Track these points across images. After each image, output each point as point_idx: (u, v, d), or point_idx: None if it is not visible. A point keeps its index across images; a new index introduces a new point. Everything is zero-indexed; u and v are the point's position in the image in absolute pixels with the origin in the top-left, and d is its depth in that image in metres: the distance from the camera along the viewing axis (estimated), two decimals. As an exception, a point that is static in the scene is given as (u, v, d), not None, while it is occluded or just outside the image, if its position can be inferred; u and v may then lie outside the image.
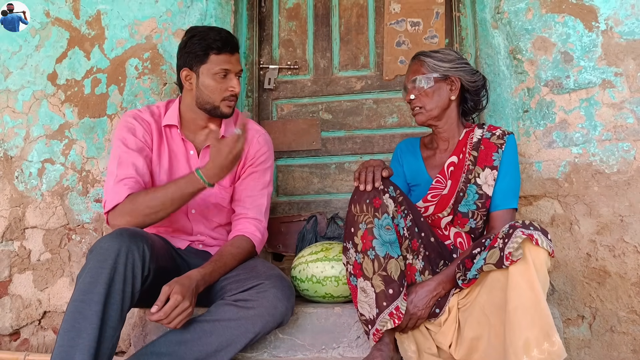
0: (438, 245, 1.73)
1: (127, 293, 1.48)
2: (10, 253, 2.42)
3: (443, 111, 1.83)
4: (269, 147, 1.97)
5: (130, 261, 1.48)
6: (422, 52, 1.87)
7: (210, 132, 1.74)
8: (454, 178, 1.81)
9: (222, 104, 1.83)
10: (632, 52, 2.08)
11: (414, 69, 1.84)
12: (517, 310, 1.40)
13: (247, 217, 1.87)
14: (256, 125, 2.01)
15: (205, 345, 1.57)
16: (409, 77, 1.85)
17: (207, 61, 1.79)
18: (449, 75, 1.80)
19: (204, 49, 1.79)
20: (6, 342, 2.39)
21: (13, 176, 2.45)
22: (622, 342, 2.02)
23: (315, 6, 2.62)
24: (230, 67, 1.81)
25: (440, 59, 1.81)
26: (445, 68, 1.80)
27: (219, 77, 1.80)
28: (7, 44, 2.52)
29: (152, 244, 1.58)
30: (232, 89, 1.81)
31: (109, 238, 1.50)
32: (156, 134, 1.88)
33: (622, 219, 2.04)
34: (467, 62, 1.86)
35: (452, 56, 1.83)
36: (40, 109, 2.47)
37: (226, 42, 1.80)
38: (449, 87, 1.81)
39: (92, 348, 1.39)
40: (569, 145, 2.12)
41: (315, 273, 1.87)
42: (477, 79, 1.84)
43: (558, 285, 2.08)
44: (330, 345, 1.78)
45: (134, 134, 1.82)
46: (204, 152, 1.89)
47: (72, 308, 1.43)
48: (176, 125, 1.88)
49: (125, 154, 1.78)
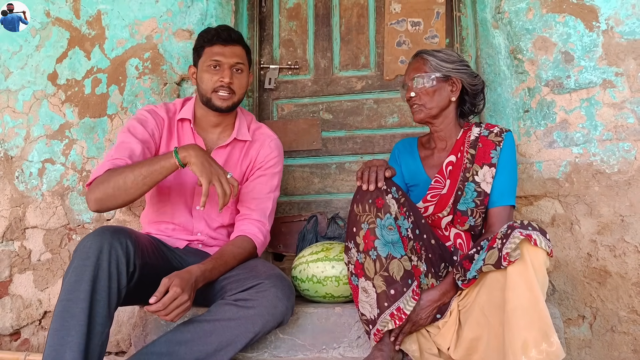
0: (439, 247, 1.73)
1: (113, 289, 1.49)
2: (10, 253, 2.42)
3: (442, 111, 1.83)
4: (279, 153, 1.99)
5: (114, 257, 1.49)
6: (424, 50, 1.87)
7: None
8: (452, 177, 1.81)
9: (214, 96, 1.85)
10: (633, 52, 2.08)
11: (416, 67, 1.84)
12: (515, 311, 1.41)
13: (251, 218, 1.88)
14: (269, 130, 2.03)
15: (205, 344, 1.57)
16: (409, 74, 1.85)
17: (203, 54, 1.87)
18: (450, 76, 1.80)
19: (201, 43, 1.88)
20: (7, 342, 2.39)
21: (13, 176, 2.45)
22: (622, 342, 2.02)
23: (315, 6, 2.62)
24: (221, 58, 1.84)
25: (443, 58, 1.81)
26: (448, 68, 1.80)
27: (211, 69, 1.84)
28: (8, 44, 2.52)
29: (136, 240, 1.58)
30: (222, 80, 1.83)
31: (91, 236, 1.51)
32: (167, 129, 1.91)
33: (622, 218, 2.04)
34: (468, 65, 1.86)
35: (454, 57, 1.83)
36: (41, 109, 2.47)
37: (217, 34, 1.85)
38: (450, 87, 1.81)
39: (81, 345, 1.41)
40: (570, 145, 2.12)
41: (316, 273, 1.87)
42: (477, 82, 1.85)
43: (559, 285, 2.08)
44: (330, 345, 1.78)
45: (144, 125, 1.85)
46: (215, 152, 1.92)
47: (60, 308, 1.44)
48: (189, 119, 1.91)
49: (128, 139, 1.80)
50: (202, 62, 1.87)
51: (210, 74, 1.84)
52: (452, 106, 1.84)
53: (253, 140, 1.97)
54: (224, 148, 1.93)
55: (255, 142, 1.97)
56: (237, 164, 1.95)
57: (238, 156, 1.96)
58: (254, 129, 2.01)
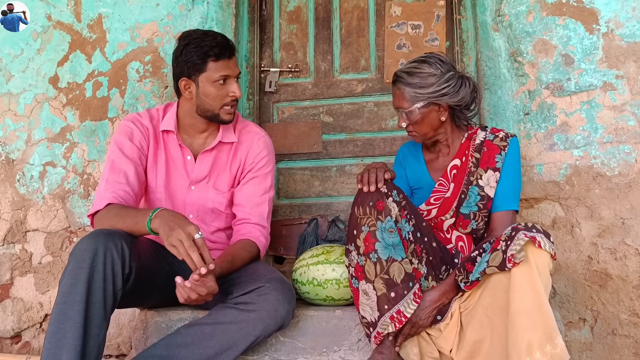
0: (440, 250, 1.73)
1: (108, 291, 1.49)
2: (11, 256, 2.42)
3: (437, 129, 1.80)
4: (269, 151, 1.95)
5: (109, 259, 1.49)
6: (398, 77, 1.75)
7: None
8: (457, 181, 1.81)
9: (222, 112, 1.82)
10: (633, 54, 2.08)
11: (397, 98, 1.77)
12: (519, 313, 1.40)
13: (250, 222, 1.87)
14: (256, 128, 1.99)
15: (206, 348, 1.57)
16: (394, 103, 1.79)
17: (206, 69, 1.76)
18: (432, 101, 1.73)
19: (202, 57, 1.75)
20: (7, 345, 2.39)
21: (14, 179, 2.45)
22: (623, 345, 2.02)
23: (316, 9, 2.62)
24: (229, 72, 1.78)
25: (419, 85, 1.71)
26: (426, 95, 1.71)
27: (219, 84, 1.78)
28: (9, 47, 2.53)
29: (132, 242, 1.58)
30: (233, 94, 1.80)
31: (86, 239, 1.51)
32: (153, 139, 1.88)
33: (623, 221, 2.04)
34: (449, 78, 1.72)
35: (431, 79, 1.71)
36: (42, 112, 2.48)
37: (224, 48, 1.77)
38: (437, 109, 1.75)
39: (78, 346, 1.41)
40: (570, 147, 2.12)
41: (316, 276, 1.87)
42: (463, 96, 1.74)
43: (559, 288, 2.08)
44: (331, 348, 1.78)
45: (131, 139, 1.83)
46: (201, 156, 1.89)
47: (56, 311, 1.45)
48: (173, 131, 1.87)
49: (119, 159, 1.79)
50: (205, 77, 1.76)
51: (218, 89, 1.78)
52: (447, 120, 1.81)
53: (240, 140, 1.93)
54: (209, 152, 1.89)
55: (243, 142, 1.93)
56: (225, 166, 1.92)
57: (226, 159, 1.92)
58: (240, 128, 1.95)
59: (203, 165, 1.89)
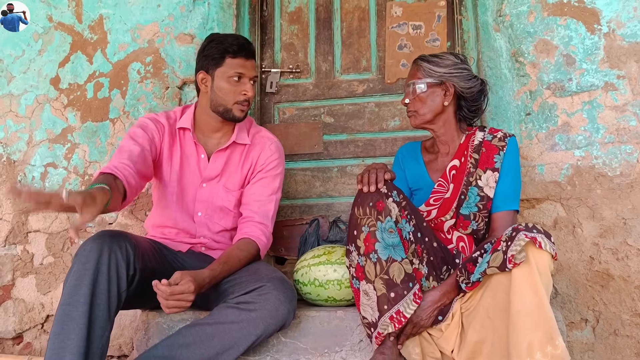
0: (441, 250, 1.73)
1: (112, 293, 1.50)
2: (13, 257, 2.42)
3: (437, 115, 1.83)
4: (279, 155, 2.00)
5: (113, 261, 1.50)
6: (421, 57, 1.87)
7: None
8: (456, 181, 1.81)
9: (235, 107, 1.87)
10: (635, 54, 2.08)
11: (411, 74, 1.86)
12: (520, 314, 1.40)
13: (254, 220, 1.88)
14: (269, 134, 2.05)
15: (207, 348, 1.57)
16: (407, 80, 1.87)
17: (223, 64, 1.85)
18: (443, 81, 1.81)
19: (221, 52, 1.84)
20: (9, 346, 2.39)
21: (16, 180, 2.46)
22: (625, 345, 2.01)
23: (317, 10, 2.62)
24: (244, 71, 1.86)
25: (436, 63, 1.81)
26: (439, 73, 1.80)
27: (233, 81, 1.85)
28: (10, 48, 2.53)
29: (136, 243, 1.59)
30: (245, 93, 1.86)
31: (91, 240, 1.52)
32: (168, 135, 1.92)
33: (625, 221, 2.04)
34: (465, 68, 1.84)
35: (449, 61, 1.82)
36: (43, 113, 2.48)
37: (242, 47, 1.86)
38: (443, 92, 1.81)
39: (81, 347, 1.41)
40: (572, 148, 2.12)
41: (318, 276, 1.87)
42: (472, 85, 1.83)
43: (561, 288, 2.08)
44: (332, 349, 1.78)
45: (144, 130, 1.87)
46: (214, 155, 1.94)
47: (60, 312, 1.45)
48: (189, 128, 1.92)
49: (128, 144, 1.82)
50: (221, 71, 1.85)
51: (231, 85, 1.85)
52: (449, 110, 1.84)
53: (253, 143, 1.98)
54: (223, 151, 1.95)
55: (255, 145, 1.98)
56: (237, 167, 1.96)
57: (238, 159, 1.97)
58: (253, 132, 2.02)
59: (216, 164, 1.93)
